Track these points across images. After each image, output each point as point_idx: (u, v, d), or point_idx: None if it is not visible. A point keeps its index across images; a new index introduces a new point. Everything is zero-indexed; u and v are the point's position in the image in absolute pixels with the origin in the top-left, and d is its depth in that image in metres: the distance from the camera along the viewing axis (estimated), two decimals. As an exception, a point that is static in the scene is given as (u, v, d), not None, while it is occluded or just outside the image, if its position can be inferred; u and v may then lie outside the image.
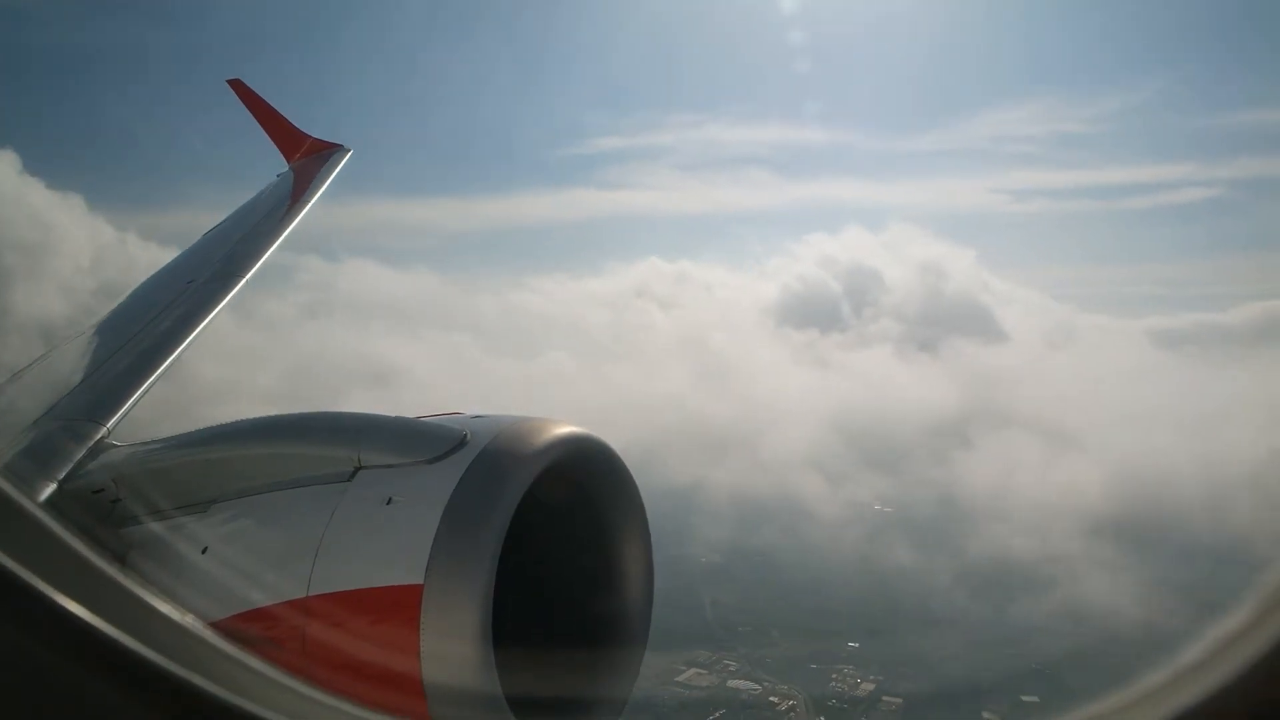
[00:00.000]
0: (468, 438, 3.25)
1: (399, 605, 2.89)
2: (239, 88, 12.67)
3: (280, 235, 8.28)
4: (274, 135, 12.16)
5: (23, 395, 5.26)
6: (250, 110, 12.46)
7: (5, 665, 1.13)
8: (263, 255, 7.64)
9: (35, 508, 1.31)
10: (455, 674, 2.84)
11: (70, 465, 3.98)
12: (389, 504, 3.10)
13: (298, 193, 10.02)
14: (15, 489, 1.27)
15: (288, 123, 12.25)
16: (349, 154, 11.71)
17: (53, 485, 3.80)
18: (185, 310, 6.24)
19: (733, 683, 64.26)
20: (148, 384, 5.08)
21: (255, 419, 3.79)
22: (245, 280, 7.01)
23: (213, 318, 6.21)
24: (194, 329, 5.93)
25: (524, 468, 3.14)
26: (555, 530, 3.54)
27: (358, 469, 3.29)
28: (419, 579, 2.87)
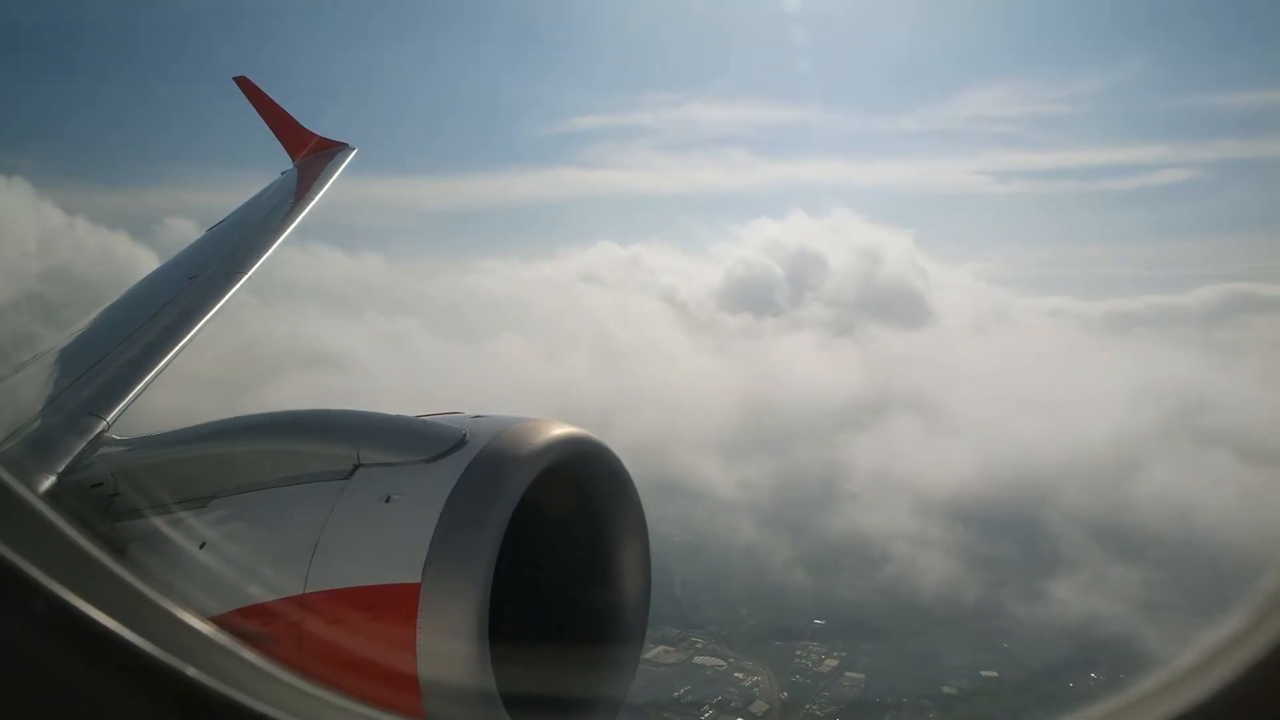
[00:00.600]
0: (467, 437, 3.25)
1: (396, 603, 2.89)
2: (245, 85, 12.69)
3: (283, 233, 8.30)
4: (279, 133, 12.19)
5: (24, 388, 5.27)
6: (256, 108, 12.49)
7: (3, 656, 1.14)
8: (265, 252, 7.66)
9: (35, 499, 1.32)
10: (451, 672, 2.85)
11: (70, 458, 3.99)
12: (387, 502, 3.11)
13: (301, 190, 10.04)
14: (15, 480, 1.28)
15: (293, 121, 12.28)
16: (353, 152, 11.73)
17: (52, 477, 3.81)
18: (187, 306, 6.26)
19: (699, 659, 65.21)
20: (148, 378, 5.09)
21: (255, 415, 3.80)
22: (248, 277, 7.03)
23: (214, 314, 6.23)
24: (195, 325, 5.94)
25: (523, 468, 3.15)
26: (554, 531, 3.55)
27: (356, 467, 3.29)
28: (416, 578, 2.88)
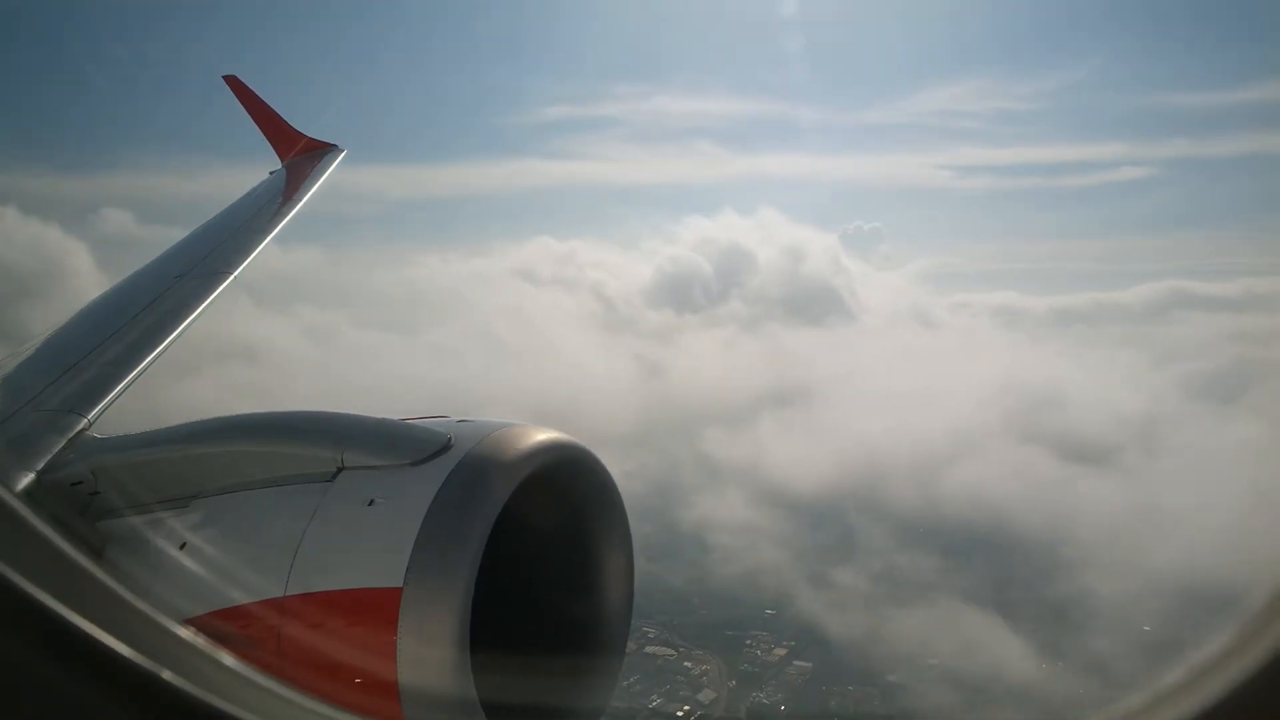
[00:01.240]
0: (452, 442, 3.24)
1: (377, 608, 2.87)
2: (235, 84, 12.64)
3: (270, 233, 8.26)
4: (268, 133, 12.14)
5: (2, 384, 5.22)
6: (245, 107, 12.44)
7: None
8: (252, 253, 7.62)
9: (12, 498, 1.30)
10: (431, 679, 2.83)
11: (49, 456, 3.94)
12: (370, 506, 3.09)
13: (289, 191, 10.00)
14: None
15: (283, 121, 12.24)
16: (342, 154, 11.70)
17: (31, 475, 3.76)
18: (171, 305, 6.21)
19: (650, 649, 66.02)
20: (131, 377, 5.05)
21: (238, 416, 3.77)
22: (233, 277, 6.99)
23: (199, 314, 6.19)
24: (180, 324, 5.90)
25: (507, 474, 3.14)
26: (537, 537, 3.53)
27: (340, 469, 3.27)
28: (398, 582, 2.86)
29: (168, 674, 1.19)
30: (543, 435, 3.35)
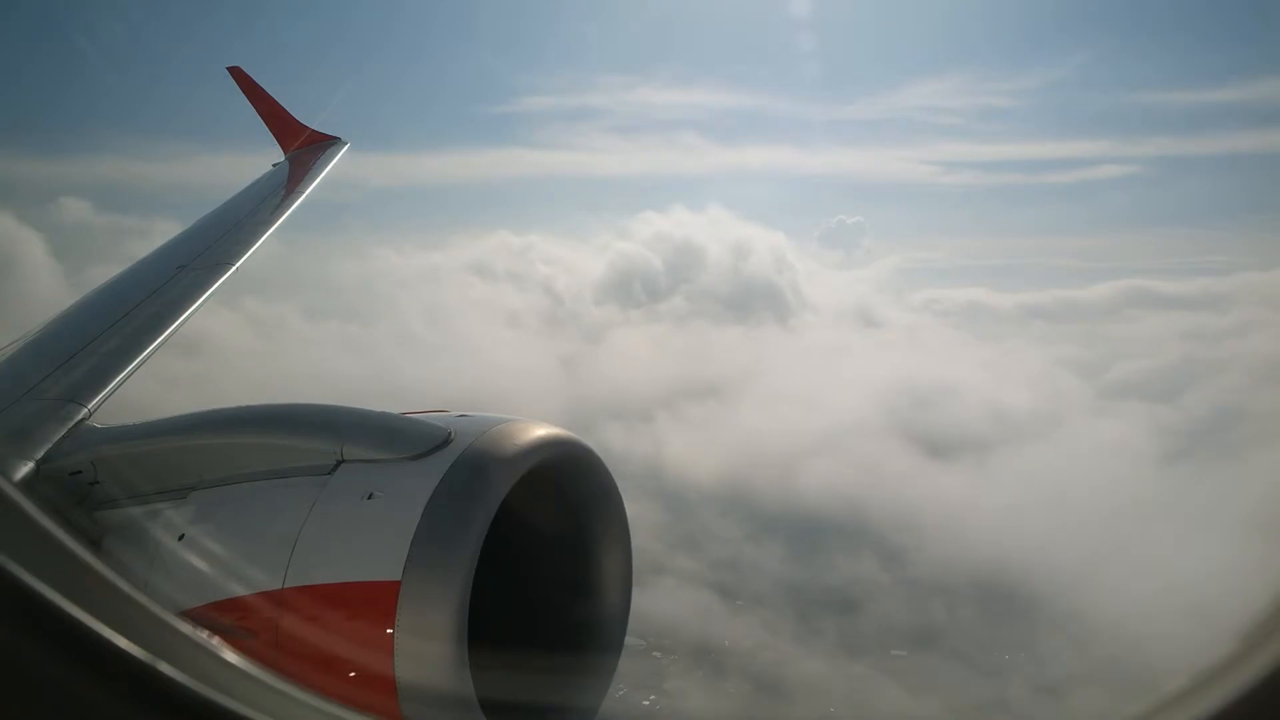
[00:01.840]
0: (451, 436, 3.24)
1: (375, 601, 2.87)
2: (239, 76, 12.63)
3: (273, 225, 8.26)
4: (272, 125, 12.14)
5: (3, 373, 5.21)
6: (249, 99, 12.44)
7: None
8: (254, 245, 7.62)
9: (10, 487, 1.29)
10: (428, 673, 2.82)
11: (49, 445, 3.94)
12: (369, 499, 3.09)
13: (292, 184, 10.01)
14: None
15: (286, 114, 12.24)
16: (345, 146, 11.70)
17: (30, 465, 3.76)
18: (173, 296, 6.21)
19: None
20: (132, 367, 5.05)
21: (239, 408, 3.77)
22: (235, 268, 6.99)
23: (200, 305, 6.19)
24: (181, 315, 5.90)
25: (507, 469, 3.13)
26: (536, 533, 3.53)
27: (340, 463, 3.27)
28: (396, 576, 2.85)
29: (164, 666, 1.18)
30: (543, 431, 3.35)
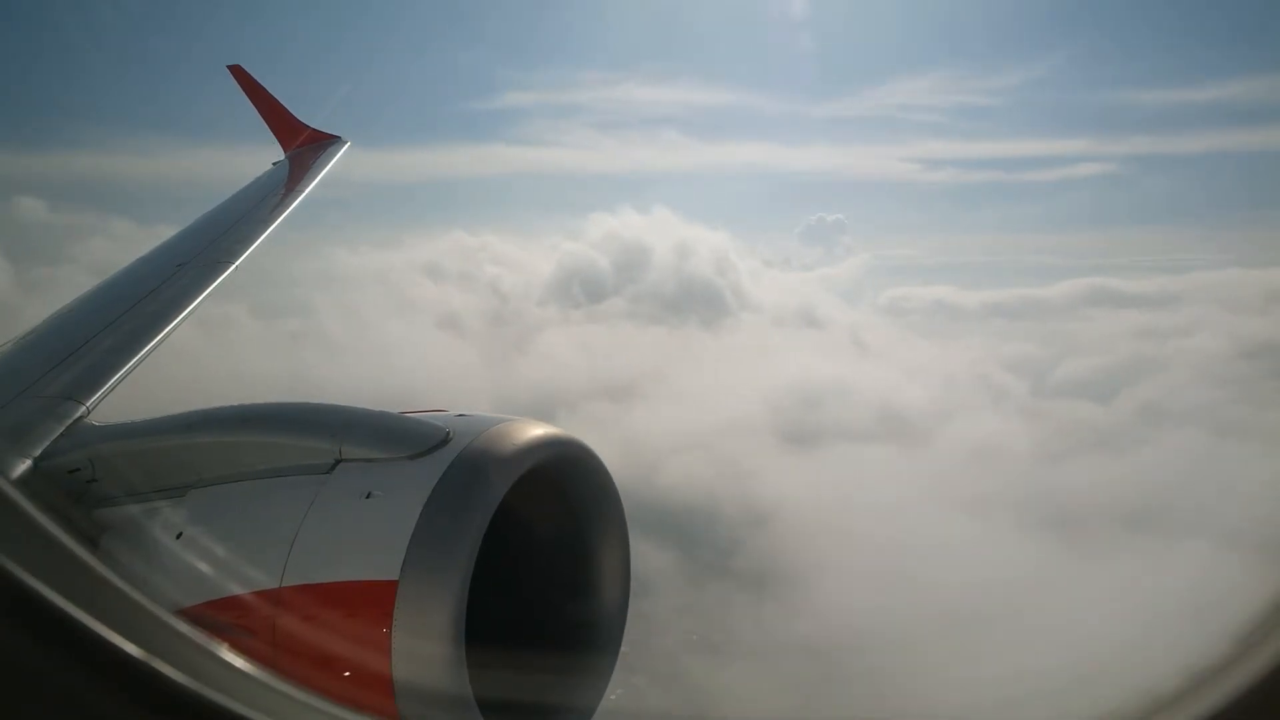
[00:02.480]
0: (450, 436, 3.23)
1: (373, 601, 2.87)
2: (239, 74, 12.63)
3: (272, 224, 8.28)
4: (272, 124, 12.14)
5: (0, 372, 5.21)
6: (249, 98, 12.43)
7: None
8: (253, 243, 7.63)
9: (7, 485, 1.29)
10: (426, 673, 2.82)
11: (47, 443, 3.93)
12: (368, 498, 3.08)
13: (292, 182, 10.02)
14: None
15: (287, 112, 12.24)
16: (346, 145, 11.70)
17: (28, 463, 3.76)
18: (173, 294, 6.21)
19: None
20: (130, 365, 5.05)
21: (237, 406, 3.77)
22: (234, 267, 7.00)
23: (199, 303, 6.20)
24: (180, 313, 5.91)
25: (506, 469, 3.13)
26: (534, 533, 3.53)
27: (338, 461, 3.26)
28: (394, 575, 2.85)
29: (161, 665, 1.18)
30: (542, 431, 3.35)
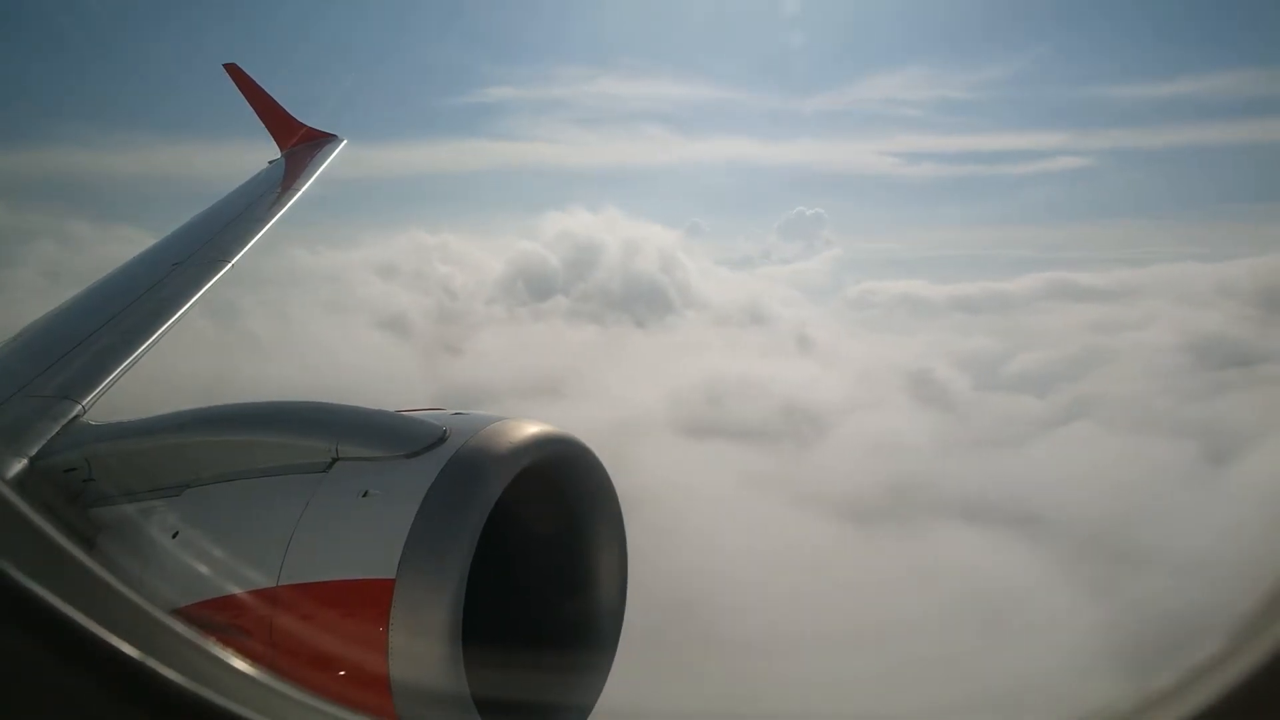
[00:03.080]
0: (447, 434, 3.23)
1: (369, 599, 2.87)
2: (235, 73, 12.62)
3: (268, 222, 8.27)
4: (268, 122, 12.13)
5: None
6: (246, 96, 12.42)
7: None
8: (249, 242, 7.62)
9: (3, 484, 1.29)
10: (423, 672, 2.82)
11: (43, 442, 3.93)
12: (365, 497, 3.08)
13: (289, 181, 10.01)
14: None
15: (283, 110, 12.22)
16: (342, 144, 11.69)
17: (23, 462, 3.75)
18: (169, 293, 6.20)
19: None
20: (126, 363, 5.04)
21: (234, 405, 3.76)
22: (230, 265, 6.99)
23: (195, 301, 6.19)
24: (177, 312, 5.90)
25: (502, 467, 3.13)
26: (532, 531, 3.53)
27: (335, 460, 3.26)
28: (391, 574, 2.85)
29: (158, 664, 1.18)
30: (539, 429, 3.35)
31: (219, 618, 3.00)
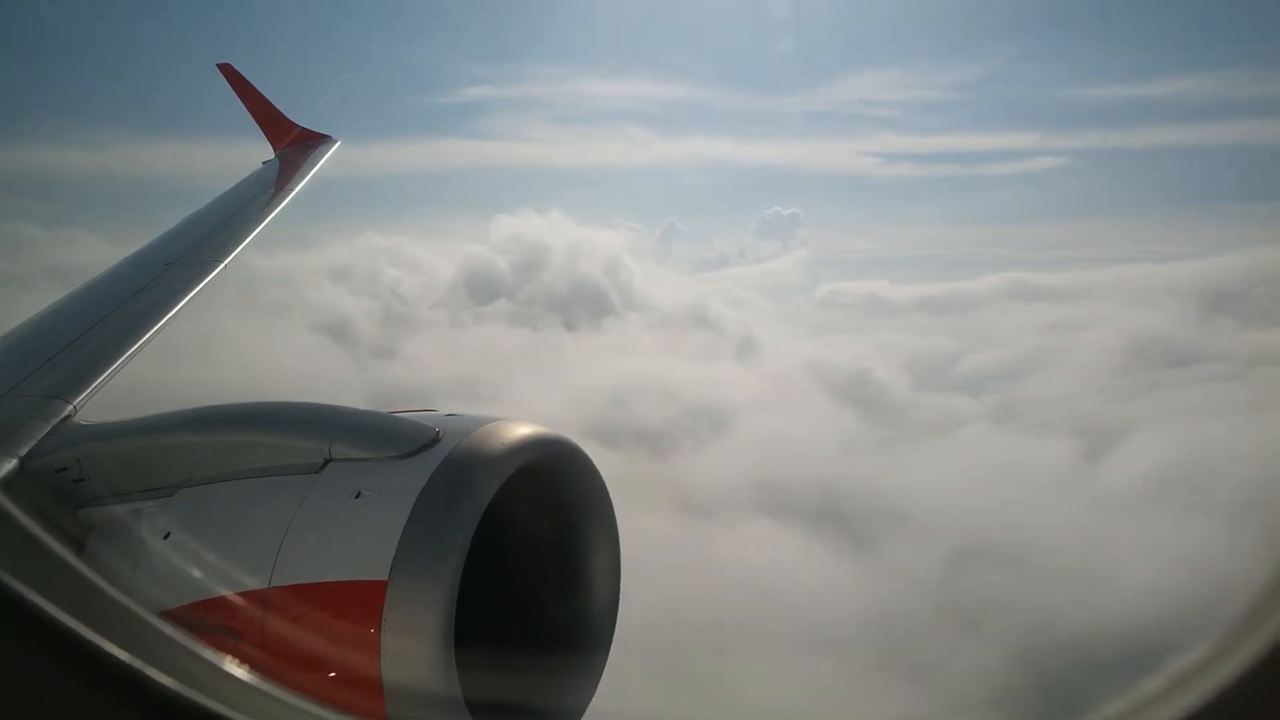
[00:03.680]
0: (440, 435, 3.23)
1: (362, 601, 2.86)
2: (229, 73, 12.58)
3: (261, 223, 8.25)
4: (262, 122, 12.10)
5: None
6: (239, 96, 12.39)
7: None
8: (242, 243, 7.60)
9: None
10: (415, 674, 2.81)
11: (33, 442, 3.91)
12: (357, 498, 3.07)
13: (282, 181, 9.99)
14: None
15: (277, 111, 12.20)
16: (336, 144, 11.67)
17: (14, 462, 3.73)
18: (161, 293, 6.18)
19: None
20: (118, 364, 5.02)
21: (227, 405, 3.75)
22: (223, 266, 6.97)
23: (187, 302, 6.17)
24: (169, 312, 5.89)
25: (495, 468, 3.13)
26: (524, 532, 3.52)
27: (327, 461, 3.25)
28: (383, 575, 2.84)
29: (148, 668, 1.17)
30: (531, 430, 3.34)
31: (211, 619, 2.99)
